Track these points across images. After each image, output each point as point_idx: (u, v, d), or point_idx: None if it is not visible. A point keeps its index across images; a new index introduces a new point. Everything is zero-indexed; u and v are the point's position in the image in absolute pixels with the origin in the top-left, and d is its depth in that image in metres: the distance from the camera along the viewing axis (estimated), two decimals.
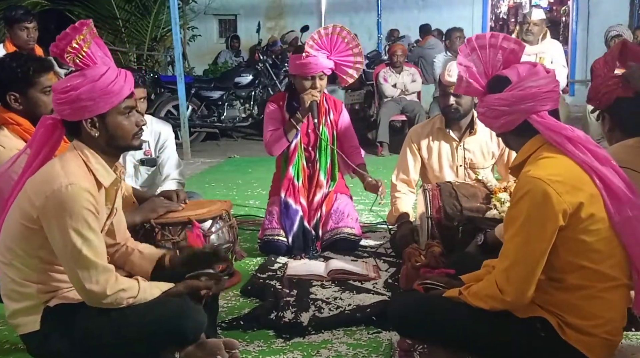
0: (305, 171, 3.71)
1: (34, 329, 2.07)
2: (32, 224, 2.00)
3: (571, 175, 1.91)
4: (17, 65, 2.68)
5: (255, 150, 8.01)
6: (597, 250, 1.91)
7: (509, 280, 1.93)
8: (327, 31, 3.61)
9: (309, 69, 3.55)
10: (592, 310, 1.94)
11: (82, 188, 1.97)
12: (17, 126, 2.72)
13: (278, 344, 2.53)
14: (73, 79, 2.01)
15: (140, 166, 3.52)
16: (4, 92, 2.72)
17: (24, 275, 2.05)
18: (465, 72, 2.09)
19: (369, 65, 9.21)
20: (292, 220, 3.62)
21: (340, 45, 3.61)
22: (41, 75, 2.72)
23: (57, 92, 2.03)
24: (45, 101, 2.68)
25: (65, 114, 2.04)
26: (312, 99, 3.55)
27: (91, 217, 1.98)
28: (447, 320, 2.08)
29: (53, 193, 1.95)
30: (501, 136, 2.16)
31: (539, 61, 5.33)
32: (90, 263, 1.97)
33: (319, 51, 3.57)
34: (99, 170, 2.08)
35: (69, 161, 2.04)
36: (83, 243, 1.95)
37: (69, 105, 2.01)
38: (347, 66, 3.66)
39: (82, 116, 2.02)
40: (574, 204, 1.87)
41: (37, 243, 2.02)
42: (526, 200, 1.89)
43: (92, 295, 1.99)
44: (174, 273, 2.26)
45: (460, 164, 3.50)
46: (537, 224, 1.88)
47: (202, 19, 11.87)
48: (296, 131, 3.62)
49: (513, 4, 14.28)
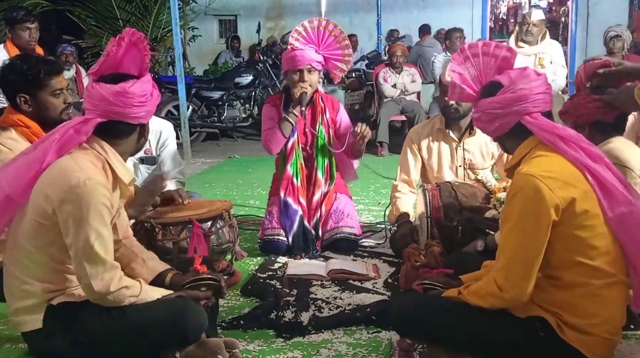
0: (304, 171, 3.72)
1: (35, 327, 2.09)
2: (45, 220, 2.02)
3: (564, 172, 1.94)
4: (28, 67, 2.70)
5: (255, 150, 8.01)
6: (593, 246, 1.93)
7: (508, 277, 1.94)
8: (313, 25, 3.63)
9: (295, 62, 3.57)
10: (590, 309, 1.95)
11: (100, 183, 2.01)
12: (25, 128, 2.73)
13: (278, 344, 2.54)
14: (144, 85, 2.13)
15: (140, 165, 3.53)
16: (15, 94, 2.73)
17: (31, 273, 2.07)
18: (459, 79, 2.16)
19: (368, 65, 9.23)
20: (292, 220, 3.62)
21: (328, 39, 3.63)
22: (52, 77, 2.73)
23: (136, 96, 2.08)
24: (55, 103, 2.69)
25: (123, 115, 2.09)
26: (301, 91, 3.56)
27: (106, 212, 2.02)
28: (446, 319, 2.09)
29: (71, 187, 1.97)
30: (497, 141, 2.20)
31: (539, 61, 5.35)
32: (99, 260, 1.99)
33: (306, 44, 3.59)
34: (119, 167, 2.12)
35: (81, 158, 2.06)
36: (96, 238, 1.98)
37: (136, 107, 2.10)
38: (337, 59, 3.67)
39: (137, 119, 2.14)
40: (567, 199, 1.89)
41: (49, 240, 2.04)
42: (519, 197, 1.93)
43: (96, 291, 2.01)
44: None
45: (460, 164, 3.51)
46: (531, 219, 1.90)
47: (202, 19, 11.86)
48: (291, 125, 3.62)
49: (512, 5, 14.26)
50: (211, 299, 2.25)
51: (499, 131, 2.10)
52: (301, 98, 3.56)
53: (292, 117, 3.60)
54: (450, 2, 11.79)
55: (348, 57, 3.70)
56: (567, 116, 2.63)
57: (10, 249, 2.09)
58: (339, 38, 3.64)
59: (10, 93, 2.77)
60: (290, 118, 3.59)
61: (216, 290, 2.27)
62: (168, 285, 2.26)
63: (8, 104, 2.84)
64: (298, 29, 3.63)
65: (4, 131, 2.80)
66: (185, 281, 2.25)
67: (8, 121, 2.78)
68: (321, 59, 3.62)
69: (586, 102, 2.55)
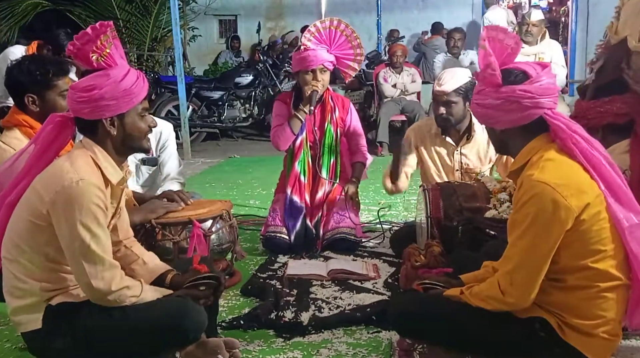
0: (310, 169, 3.73)
1: (35, 327, 2.08)
2: (40, 220, 2.01)
3: (576, 178, 1.91)
4: (36, 67, 2.70)
5: (256, 150, 8.02)
6: (600, 250, 1.91)
7: (513, 282, 1.93)
8: (325, 25, 3.65)
9: (308, 63, 3.59)
10: (592, 310, 1.94)
11: (92, 184, 1.99)
12: (29, 129, 2.74)
13: (278, 344, 2.54)
14: (97, 79, 2.03)
15: (141, 166, 3.53)
16: (22, 94, 2.74)
17: (29, 272, 2.07)
18: (492, 61, 1.99)
19: (368, 65, 9.22)
20: (296, 219, 3.64)
21: (340, 38, 3.65)
22: (59, 78, 2.74)
23: (77, 91, 2.03)
24: (62, 104, 2.70)
25: (84, 113, 2.05)
26: (312, 89, 3.58)
27: (100, 213, 2.01)
28: (446, 319, 2.09)
29: (63, 188, 1.97)
30: (501, 137, 2.09)
31: (538, 61, 5.35)
32: (98, 259, 1.99)
33: (318, 45, 3.61)
34: (107, 168, 2.10)
35: (77, 158, 2.06)
36: (92, 238, 1.97)
37: (91, 104, 2.02)
38: (349, 59, 3.70)
39: (103, 115, 2.05)
40: (580, 207, 1.87)
41: (44, 240, 2.03)
42: (532, 204, 1.89)
43: (97, 291, 2.01)
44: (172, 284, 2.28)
45: (457, 169, 3.51)
46: (544, 229, 1.88)
47: (202, 19, 11.86)
48: (300, 123, 3.65)
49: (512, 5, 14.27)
50: (210, 298, 2.25)
51: (515, 123, 1.99)
52: (312, 97, 3.58)
53: (302, 115, 3.64)
54: (450, 2, 11.79)
55: (360, 57, 3.74)
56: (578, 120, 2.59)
57: (6, 248, 2.09)
58: (351, 37, 3.67)
59: (18, 93, 2.78)
60: (300, 116, 3.62)
61: (215, 288, 2.26)
62: (168, 286, 2.26)
63: (14, 104, 2.85)
64: (311, 29, 3.64)
65: (9, 131, 2.81)
66: (185, 282, 2.24)
67: (13, 121, 2.79)
68: (333, 59, 3.65)
69: (596, 106, 2.54)
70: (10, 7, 9.77)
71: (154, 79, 8.77)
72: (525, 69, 2.00)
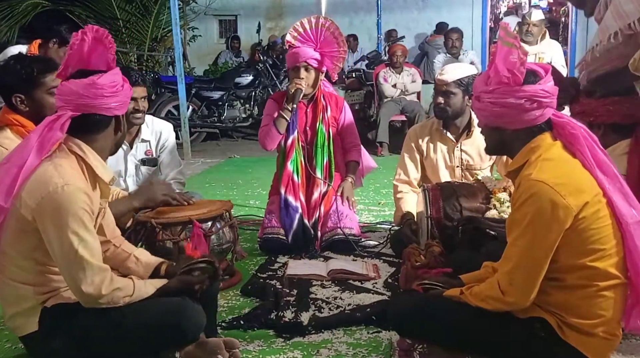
0: (304, 168, 3.73)
1: (32, 330, 2.08)
2: (26, 226, 1.99)
3: (574, 177, 1.91)
4: (22, 67, 2.69)
5: (256, 150, 8.00)
6: (600, 249, 1.91)
7: (512, 282, 1.93)
8: (310, 23, 3.65)
9: (293, 59, 3.64)
10: (592, 310, 1.94)
11: (78, 188, 1.98)
12: (21, 128, 2.72)
13: (278, 344, 2.54)
14: (116, 76, 2.09)
15: (141, 166, 3.53)
16: (10, 95, 2.72)
17: (20, 277, 2.06)
18: (519, 56, 1.94)
19: (368, 65, 9.21)
20: (292, 218, 3.63)
21: (325, 34, 3.65)
22: (46, 76, 2.71)
23: (99, 87, 2.04)
24: (52, 101, 2.68)
25: (102, 108, 2.06)
26: (295, 87, 3.58)
27: (87, 217, 1.99)
28: (446, 320, 2.08)
29: (49, 193, 1.95)
30: (508, 136, 2.04)
31: (538, 61, 5.36)
32: (86, 264, 1.97)
33: (304, 43, 3.62)
34: (98, 166, 2.09)
35: (62, 162, 2.03)
36: (79, 243, 1.95)
37: (115, 98, 2.07)
38: (334, 56, 3.70)
39: (107, 111, 2.08)
40: (579, 206, 1.87)
41: (32, 245, 2.02)
42: (530, 204, 1.89)
43: (87, 296, 1.99)
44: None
45: (457, 165, 3.51)
46: (543, 228, 1.88)
47: (202, 19, 11.86)
48: (285, 122, 3.65)
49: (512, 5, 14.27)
50: (205, 282, 2.24)
51: (530, 123, 1.97)
52: (294, 94, 3.58)
53: (286, 114, 3.63)
54: (450, 2, 11.77)
55: (343, 54, 3.75)
56: (583, 116, 2.59)
57: None
58: (335, 33, 3.67)
59: (5, 94, 2.77)
60: (284, 115, 3.62)
61: (211, 273, 2.26)
62: (163, 277, 2.25)
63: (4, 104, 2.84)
64: (296, 27, 3.66)
65: (0, 131, 2.79)
66: (179, 269, 2.24)
67: (4, 120, 2.77)
68: (318, 57, 3.64)
69: (604, 104, 2.54)
70: (10, 7, 9.78)
71: (154, 79, 8.77)
72: (535, 69, 2.00)
